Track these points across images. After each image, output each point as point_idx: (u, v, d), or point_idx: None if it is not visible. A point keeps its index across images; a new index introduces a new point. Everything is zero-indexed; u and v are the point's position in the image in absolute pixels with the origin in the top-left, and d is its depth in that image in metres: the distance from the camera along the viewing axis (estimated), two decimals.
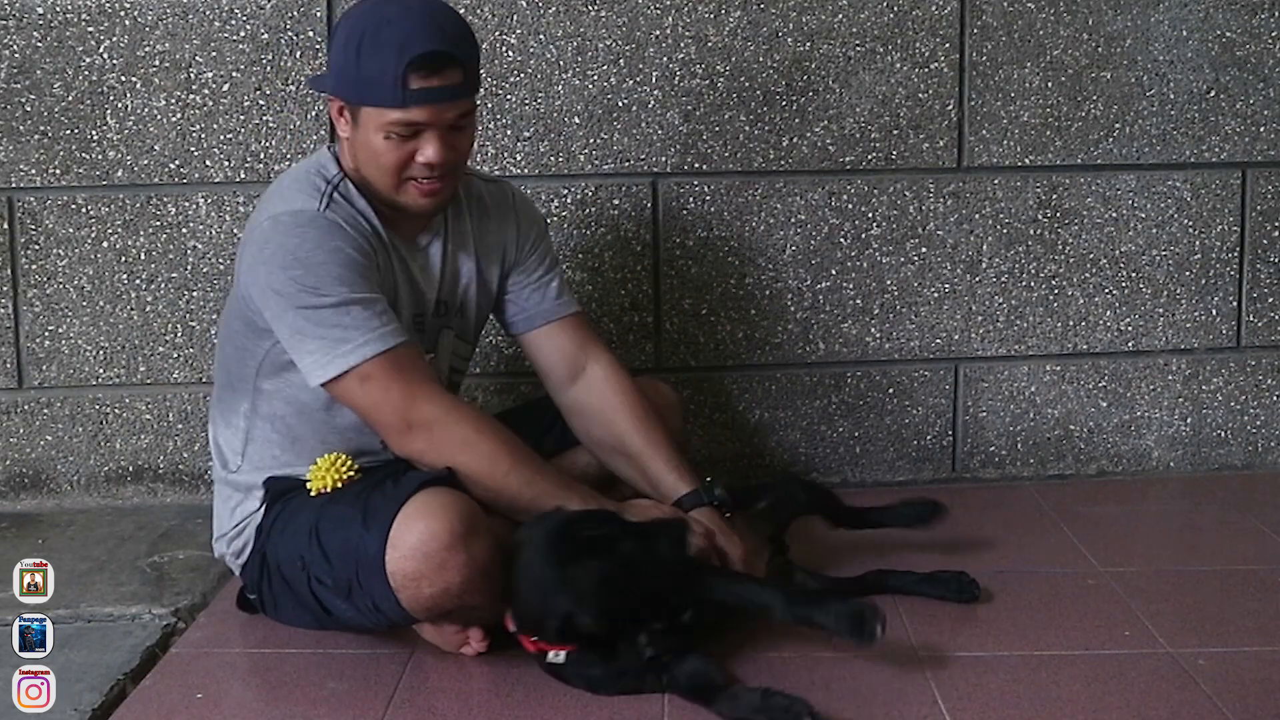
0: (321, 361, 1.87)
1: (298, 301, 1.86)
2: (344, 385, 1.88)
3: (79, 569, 2.32)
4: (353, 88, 1.89)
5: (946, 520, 2.58)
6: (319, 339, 1.86)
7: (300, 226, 1.89)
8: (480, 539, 1.81)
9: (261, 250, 1.90)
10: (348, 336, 1.86)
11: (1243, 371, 2.84)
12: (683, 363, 2.74)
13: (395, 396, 1.87)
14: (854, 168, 2.71)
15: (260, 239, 1.91)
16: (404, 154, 1.91)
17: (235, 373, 2.04)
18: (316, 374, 1.88)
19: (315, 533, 1.90)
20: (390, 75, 1.84)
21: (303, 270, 1.86)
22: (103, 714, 1.81)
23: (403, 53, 1.83)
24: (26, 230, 2.64)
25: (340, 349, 1.85)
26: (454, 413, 1.90)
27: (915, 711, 1.76)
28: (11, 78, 2.60)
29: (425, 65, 1.84)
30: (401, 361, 1.88)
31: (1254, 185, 2.78)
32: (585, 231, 2.69)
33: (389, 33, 1.84)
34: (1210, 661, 1.90)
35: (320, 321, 1.86)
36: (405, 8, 1.87)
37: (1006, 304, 2.77)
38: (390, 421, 1.89)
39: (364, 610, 1.88)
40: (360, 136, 1.92)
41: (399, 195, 1.96)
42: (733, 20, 2.64)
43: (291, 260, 1.87)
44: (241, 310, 1.98)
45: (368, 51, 1.85)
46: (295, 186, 1.95)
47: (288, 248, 1.88)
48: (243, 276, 1.95)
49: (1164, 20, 2.72)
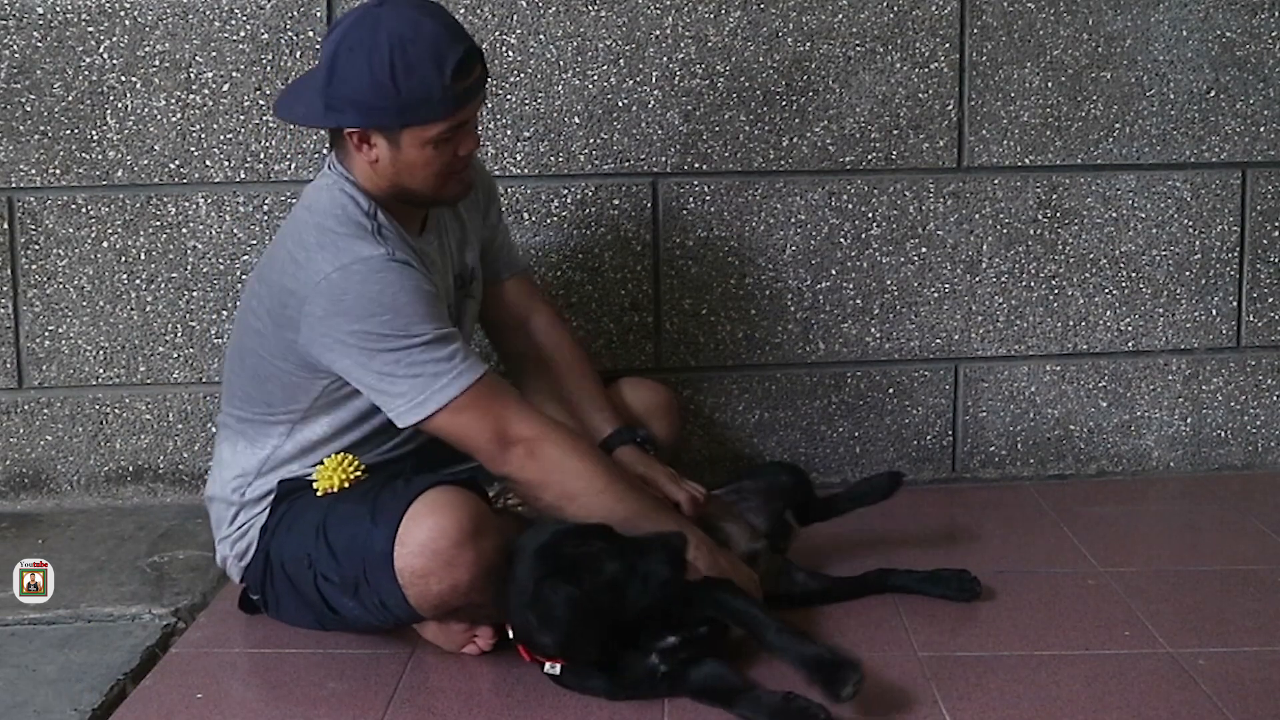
0: (418, 400, 1.86)
1: (388, 345, 1.85)
2: (439, 420, 1.88)
3: (79, 569, 2.32)
4: (395, 114, 1.87)
5: (945, 521, 2.60)
6: (412, 378, 1.86)
7: (377, 273, 1.87)
8: (489, 536, 1.81)
9: (337, 303, 1.86)
10: (440, 370, 1.86)
11: (1243, 371, 2.84)
12: (683, 363, 2.74)
13: (491, 420, 1.88)
14: (854, 168, 2.71)
15: (334, 293, 1.86)
16: (449, 156, 1.94)
17: (281, 405, 2.01)
18: (412, 414, 1.87)
19: (322, 530, 1.90)
20: (438, 90, 1.85)
21: (391, 315, 1.85)
22: (103, 714, 1.81)
23: (441, 64, 1.84)
24: (26, 230, 2.64)
25: (436, 384, 1.86)
26: (548, 432, 1.91)
27: (915, 711, 1.76)
28: (11, 78, 2.60)
29: (463, 69, 1.87)
30: (492, 387, 1.90)
31: (1254, 185, 2.78)
32: (585, 231, 2.69)
33: (416, 50, 1.84)
34: (1210, 661, 1.90)
35: (413, 362, 1.86)
36: (413, 22, 1.86)
37: (1006, 304, 2.77)
38: (487, 445, 1.89)
39: (371, 608, 1.88)
40: (401, 156, 1.91)
41: (442, 193, 1.99)
42: (733, 20, 2.64)
43: (378, 307, 1.85)
44: (292, 352, 1.94)
45: (403, 76, 1.83)
46: (346, 232, 1.91)
47: (370, 295, 1.86)
48: (311, 328, 1.89)
49: (1164, 20, 2.72)
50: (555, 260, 2.69)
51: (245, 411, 2.06)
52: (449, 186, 1.99)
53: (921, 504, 2.69)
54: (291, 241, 1.97)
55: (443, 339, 1.88)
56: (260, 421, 2.04)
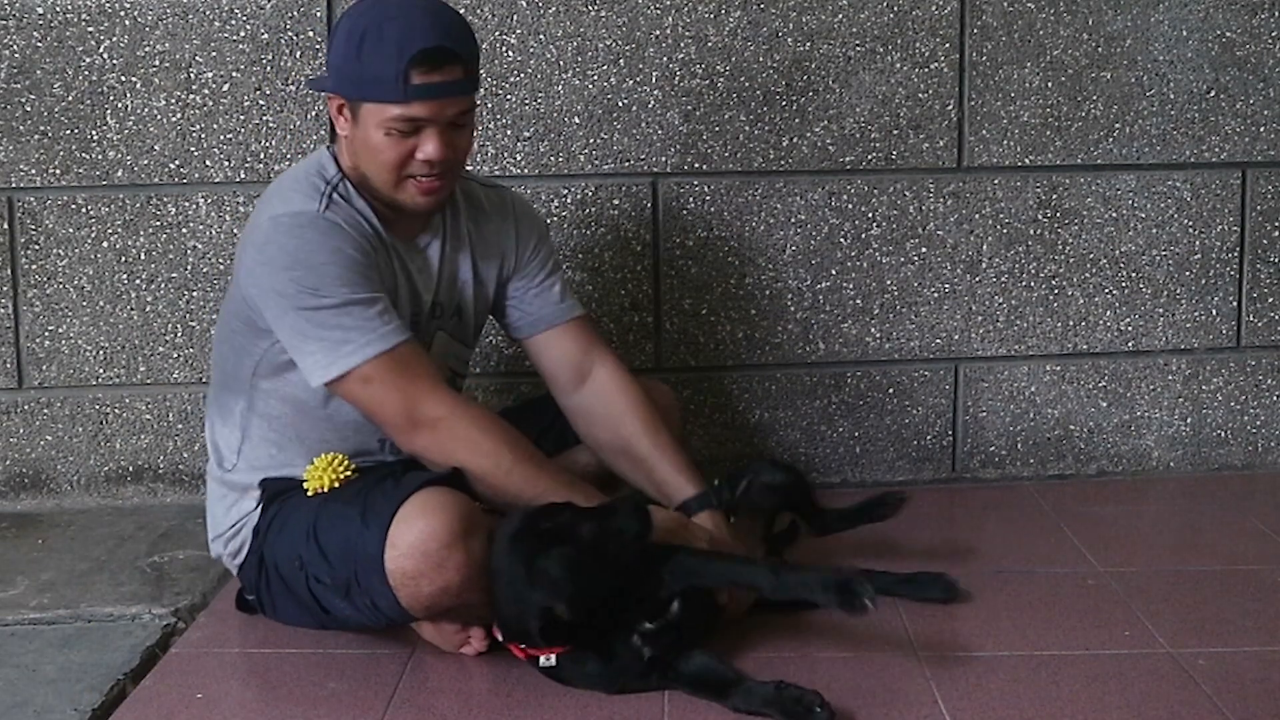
0: (323, 362, 1.86)
1: (299, 303, 1.86)
2: (347, 385, 1.88)
3: (79, 569, 2.32)
4: (353, 84, 1.89)
5: (945, 521, 2.60)
6: (320, 340, 1.86)
7: (300, 227, 1.89)
8: (479, 537, 1.81)
9: (262, 251, 1.90)
10: (349, 337, 1.85)
11: (1243, 371, 2.84)
12: (683, 363, 2.74)
13: (399, 395, 1.87)
14: (854, 168, 2.71)
15: (260, 240, 1.91)
16: (404, 151, 1.90)
17: (232, 371, 2.04)
18: (318, 374, 1.88)
19: (313, 532, 1.90)
20: (392, 71, 1.84)
21: (303, 271, 1.86)
22: (103, 714, 1.81)
23: (405, 48, 1.84)
24: (26, 230, 2.64)
25: (342, 349, 1.85)
26: (458, 410, 1.90)
27: (915, 711, 1.76)
28: (11, 78, 2.60)
29: (427, 60, 1.85)
30: (405, 360, 1.88)
31: (1254, 185, 2.78)
32: (585, 231, 2.69)
33: (390, 29, 1.85)
34: (1210, 661, 1.90)
35: (321, 323, 1.86)
36: (406, 5, 1.88)
37: (1006, 304, 2.77)
38: (395, 420, 1.89)
39: (363, 609, 1.88)
40: (360, 133, 1.92)
41: (398, 193, 1.95)
42: (733, 20, 2.65)
43: (292, 261, 1.87)
44: (240, 310, 1.98)
45: (369, 48, 1.85)
46: (294, 187, 1.95)
47: (288, 249, 1.88)
48: (242, 277, 1.95)
49: (1164, 20, 2.72)
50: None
51: (214, 381, 2.11)
52: (405, 189, 1.94)
53: (921, 504, 2.68)
54: (261, 198, 2.02)
55: (359, 303, 1.87)
56: (223, 392, 2.07)
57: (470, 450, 1.88)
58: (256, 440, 2.04)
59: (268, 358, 1.98)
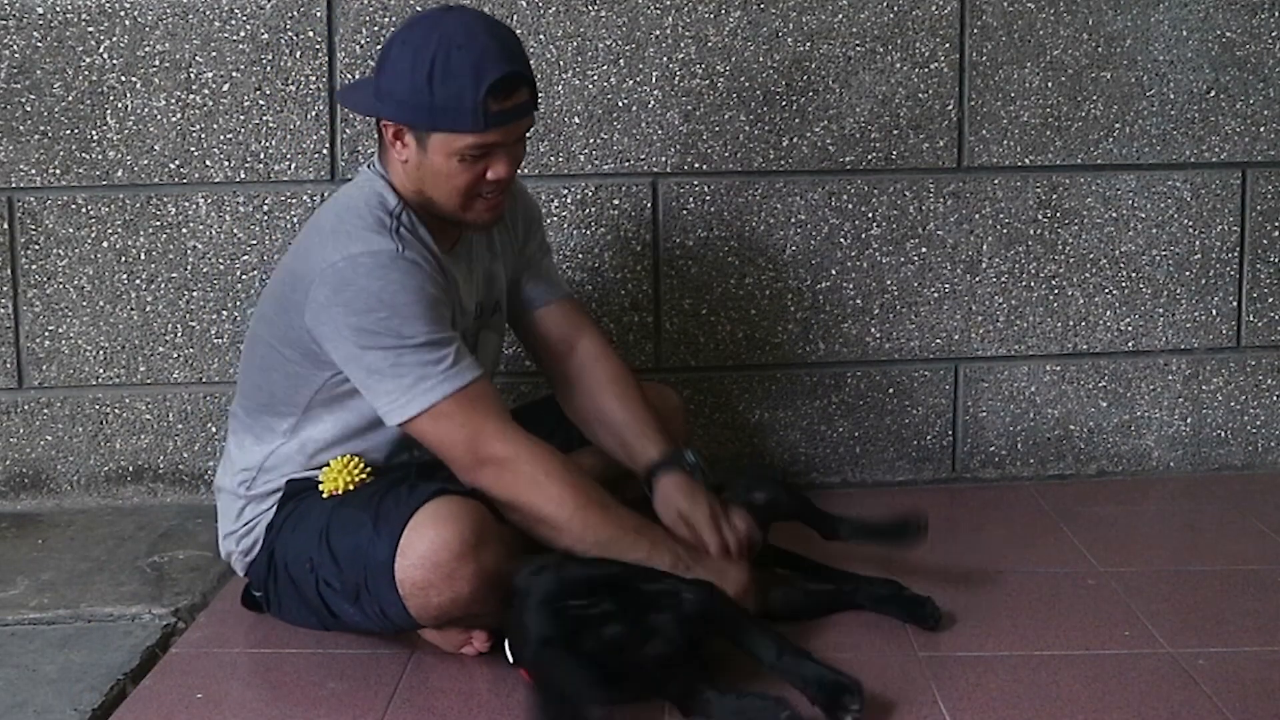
0: (401, 402, 1.86)
1: (379, 343, 1.85)
2: (419, 424, 1.87)
3: (79, 569, 2.32)
4: (425, 114, 1.86)
5: (945, 521, 2.60)
6: (398, 379, 1.85)
7: (383, 268, 1.86)
8: (490, 548, 1.80)
9: (339, 293, 1.86)
10: (426, 374, 1.85)
11: (1243, 371, 2.84)
12: (683, 363, 2.74)
13: (467, 433, 1.86)
14: (854, 168, 2.71)
15: (337, 281, 1.86)
16: (475, 174, 1.91)
17: (283, 398, 2.00)
18: (395, 414, 1.87)
19: (325, 535, 1.90)
20: (469, 102, 1.83)
21: (388, 313, 1.84)
22: (103, 714, 1.81)
23: (480, 79, 1.82)
24: (26, 230, 2.64)
25: (419, 388, 1.85)
26: (524, 451, 1.88)
27: (915, 711, 1.76)
28: (11, 78, 2.60)
29: (502, 89, 1.85)
30: (475, 397, 1.87)
31: (1254, 185, 2.78)
32: (585, 231, 2.69)
33: (461, 58, 1.82)
34: (1210, 661, 1.90)
35: (400, 362, 1.85)
36: (469, 30, 1.86)
37: (1006, 304, 2.77)
38: (462, 458, 1.88)
39: (371, 615, 1.87)
40: (427, 160, 1.90)
41: (466, 214, 1.96)
42: (733, 20, 2.65)
43: (376, 303, 1.85)
44: (298, 340, 1.94)
45: (440, 78, 1.83)
46: (362, 224, 1.90)
47: (371, 290, 1.85)
48: (313, 314, 1.89)
49: (1164, 20, 2.72)
50: (555, 260, 2.69)
51: (252, 402, 2.06)
52: (473, 209, 1.96)
53: (921, 504, 2.68)
54: (312, 228, 1.99)
55: (436, 343, 1.87)
56: (265, 414, 2.03)
57: (533, 493, 1.86)
58: (284, 457, 2.02)
59: (327, 387, 1.97)
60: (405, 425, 1.88)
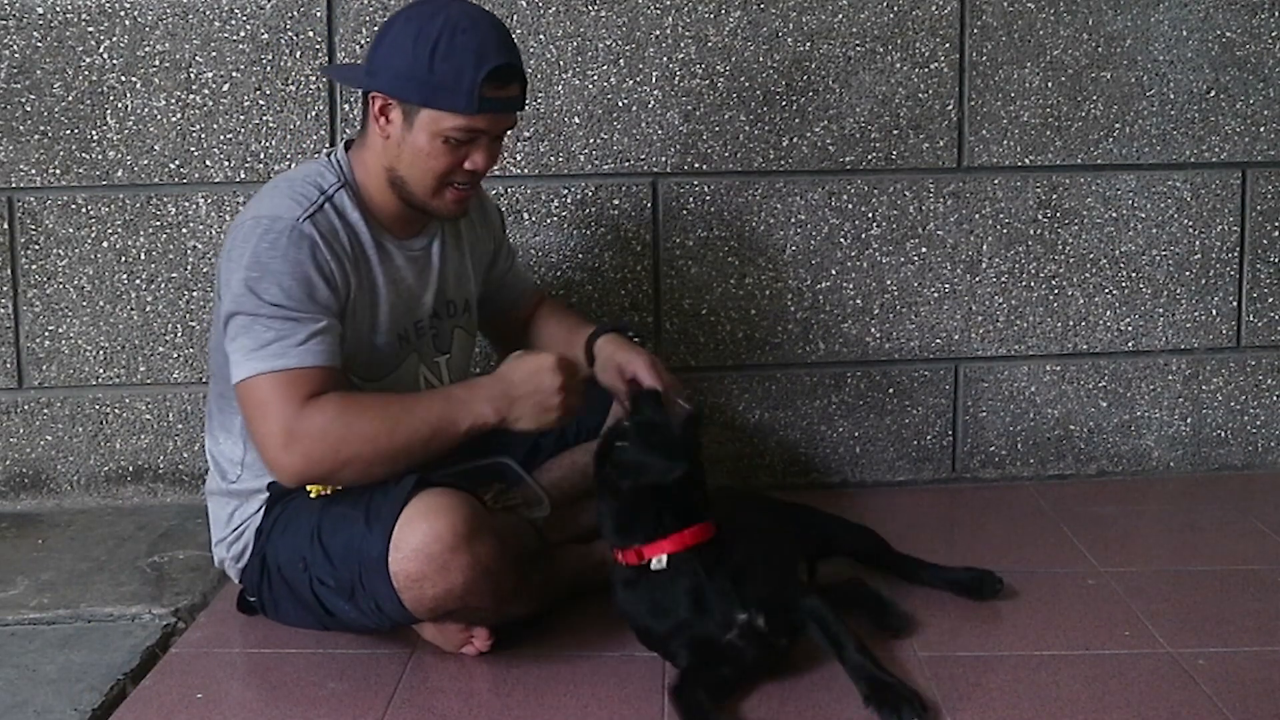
0: (241, 360, 1.85)
1: (245, 304, 1.85)
2: (248, 386, 1.85)
3: (79, 569, 2.32)
4: (419, 89, 1.88)
5: (945, 521, 2.60)
6: (248, 337, 1.85)
7: (274, 234, 1.87)
8: (483, 539, 1.81)
9: (235, 248, 1.89)
10: (271, 341, 1.84)
11: (1243, 371, 2.84)
12: (683, 363, 2.74)
13: (272, 411, 1.82)
14: (854, 168, 2.71)
15: (238, 236, 1.90)
16: (454, 160, 1.93)
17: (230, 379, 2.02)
18: (235, 372, 1.86)
19: (317, 533, 1.90)
20: (467, 81, 1.85)
21: (259, 274, 1.85)
22: (103, 714, 1.81)
23: (481, 61, 1.85)
24: (26, 230, 2.64)
25: (262, 352, 1.83)
26: (330, 408, 1.82)
27: None
28: (11, 78, 2.60)
29: (500, 76, 1.88)
30: (302, 380, 1.83)
31: (1254, 185, 2.79)
32: (585, 231, 2.69)
33: (464, 40, 1.85)
34: (1210, 661, 1.90)
35: (253, 325, 1.85)
36: (471, 17, 1.89)
37: (1006, 304, 2.77)
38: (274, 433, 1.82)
39: (367, 611, 1.88)
40: (410, 137, 1.92)
41: (433, 199, 1.98)
42: (733, 20, 2.65)
43: (254, 263, 1.86)
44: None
45: (443, 55, 1.85)
46: (286, 191, 1.94)
47: (257, 251, 1.87)
48: (219, 269, 1.95)
49: (1164, 20, 2.72)
50: (555, 260, 2.69)
51: (213, 391, 2.09)
52: (442, 196, 1.98)
53: (921, 504, 2.69)
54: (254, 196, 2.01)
55: (294, 319, 1.84)
56: (224, 400, 2.04)
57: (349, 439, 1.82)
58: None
59: None
60: (238, 386, 1.86)
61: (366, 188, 2.00)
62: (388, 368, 2.04)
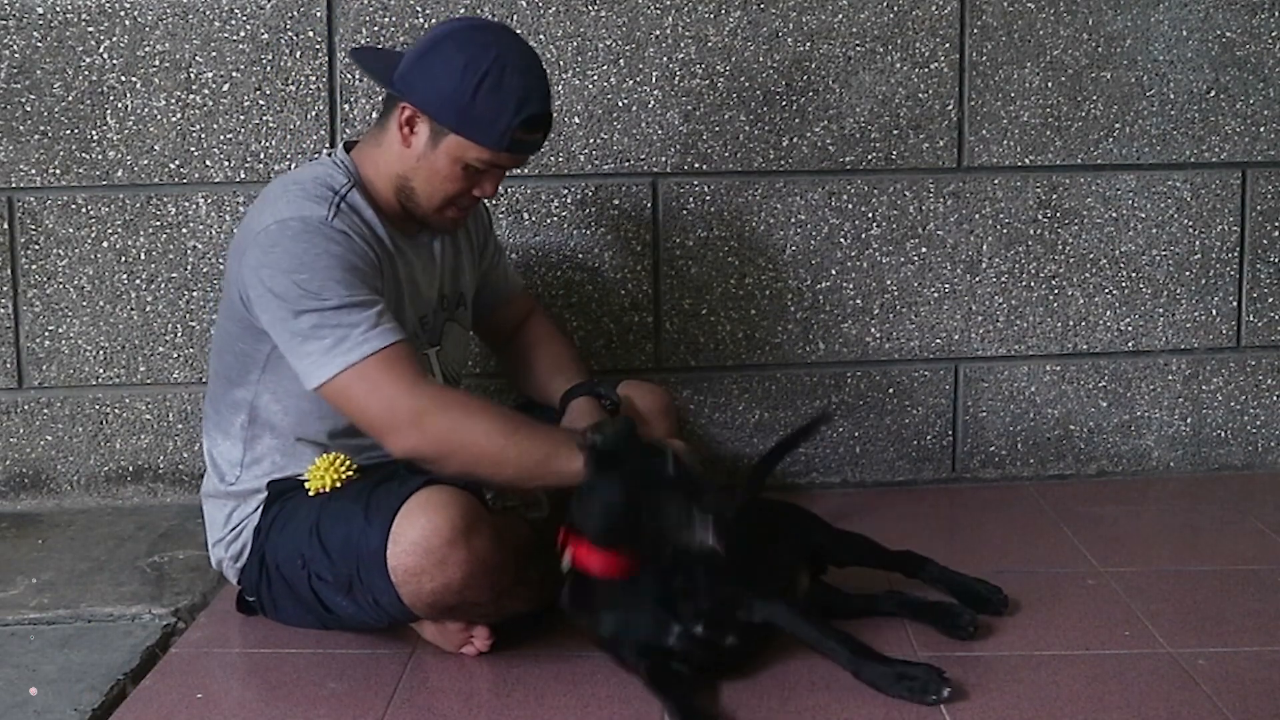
0: (320, 363, 1.84)
1: (299, 306, 1.85)
2: (336, 385, 1.85)
3: (79, 569, 2.32)
4: (457, 116, 1.90)
5: (945, 521, 2.60)
6: (317, 340, 1.85)
7: (308, 233, 1.88)
8: (482, 534, 1.81)
9: (267, 254, 1.88)
10: (344, 335, 1.84)
11: (1243, 371, 2.84)
12: (683, 363, 2.74)
13: (386, 394, 1.84)
14: (854, 168, 2.71)
15: (267, 242, 1.89)
16: (466, 186, 1.98)
17: (235, 380, 2.02)
18: (313, 377, 1.85)
19: (316, 530, 1.90)
20: (504, 122, 1.89)
21: (308, 275, 1.85)
22: (103, 714, 1.81)
23: (522, 107, 1.90)
24: (26, 230, 2.64)
25: (337, 350, 1.84)
26: (442, 398, 1.88)
27: (915, 711, 1.76)
28: (11, 78, 2.60)
29: (535, 123, 1.94)
30: (393, 359, 1.85)
31: (1254, 185, 2.78)
32: (585, 231, 2.69)
33: (514, 80, 1.89)
34: (1210, 661, 1.90)
35: (320, 324, 1.85)
36: (526, 59, 1.94)
37: (1006, 304, 2.77)
38: (380, 419, 1.85)
39: (365, 606, 1.88)
40: (432, 156, 1.95)
41: (434, 214, 2.02)
42: (733, 20, 2.64)
43: (297, 265, 1.86)
44: (237, 312, 1.97)
45: (488, 90, 1.88)
46: (302, 194, 1.93)
47: (294, 253, 1.87)
48: (245, 277, 1.92)
49: (1164, 20, 2.72)
50: (555, 260, 2.69)
51: (214, 391, 2.09)
52: (444, 213, 2.02)
53: (921, 504, 2.69)
54: (258, 200, 2.02)
55: (354, 305, 1.85)
56: (223, 401, 2.05)
57: (463, 432, 1.84)
58: (260, 451, 2.03)
59: (271, 362, 1.97)
60: (323, 388, 1.86)
61: (375, 187, 2.01)
62: None
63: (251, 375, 2.00)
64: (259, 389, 2.00)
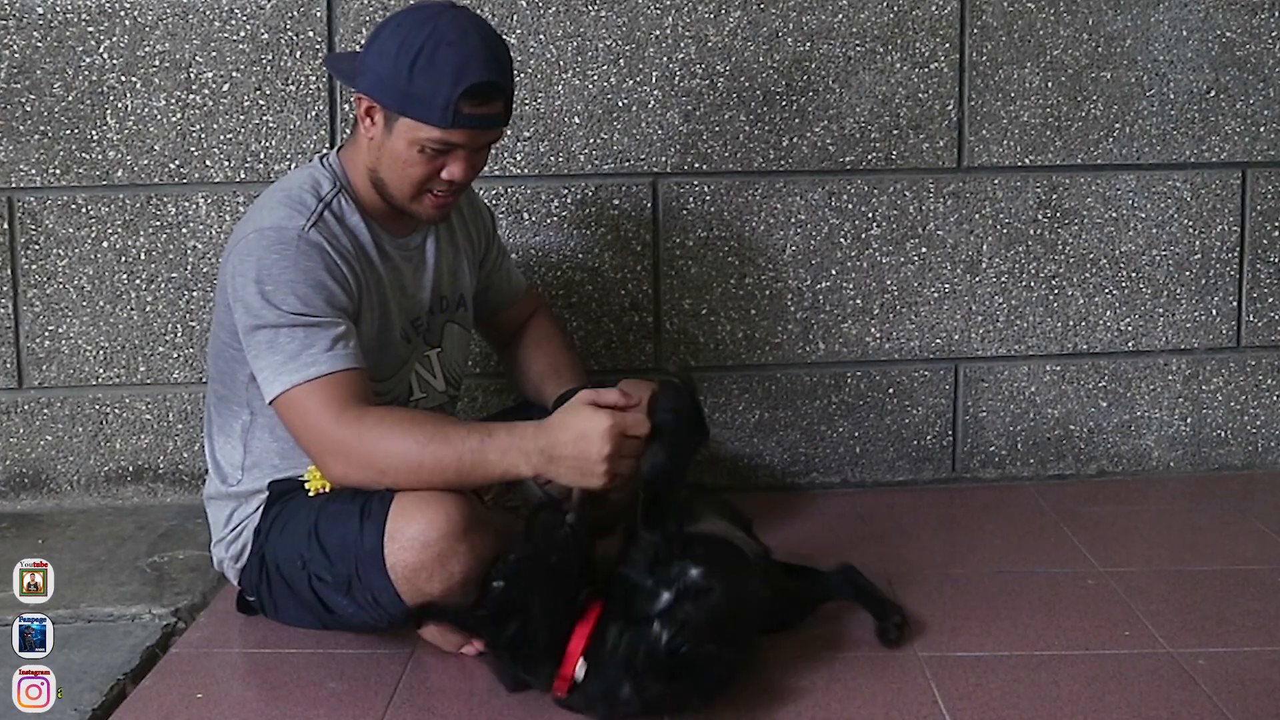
0: (271, 379, 1.85)
1: (264, 318, 1.86)
2: (283, 403, 1.85)
3: (79, 569, 2.32)
4: (398, 97, 1.89)
5: (945, 521, 2.60)
6: (272, 354, 1.86)
7: (281, 244, 1.88)
8: (481, 530, 1.81)
9: (243, 262, 1.90)
10: (298, 354, 1.84)
11: (1243, 371, 2.84)
12: (682, 363, 2.74)
13: (314, 421, 1.83)
14: (854, 168, 2.71)
15: (244, 251, 1.90)
16: (431, 169, 1.94)
17: (230, 383, 2.03)
18: (268, 390, 1.86)
19: (314, 530, 1.90)
20: (442, 98, 1.86)
21: (274, 286, 1.86)
22: (103, 714, 1.81)
23: (459, 79, 1.85)
24: (26, 230, 2.64)
25: (289, 366, 1.84)
26: (359, 426, 1.83)
27: (915, 711, 1.76)
28: (11, 78, 2.60)
29: (478, 94, 1.88)
30: (335, 386, 1.84)
31: (1254, 185, 2.78)
32: (585, 231, 2.69)
33: (446, 54, 1.85)
34: (1210, 661, 1.90)
35: (276, 340, 1.85)
36: (462, 30, 1.88)
37: (1006, 304, 2.77)
38: (314, 443, 1.85)
39: (365, 606, 1.88)
40: (389, 143, 1.93)
41: (412, 203, 1.99)
42: (733, 20, 2.64)
43: (266, 276, 1.87)
44: (225, 318, 1.98)
45: (422, 68, 1.85)
46: (285, 201, 1.94)
47: (265, 263, 1.88)
48: (224, 284, 1.95)
49: (1164, 20, 2.72)
50: (555, 260, 2.69)
51: (213, 395, 2.09)
52: (421, 202, 1.99)
53: (921, 504, 2.69)
54: (250, 207, 2.02)
55: (313, 325, 1.85)
56: (224, 404, 2.06)
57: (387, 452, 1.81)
58: (260, 453, 2.03)
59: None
60: (275, 403, 1.87)
61: (358, 188, 2.02)
62: (394, 367, 2.05)
63: (244, 375, 2.00)
64: (253, 388, 2.00)
